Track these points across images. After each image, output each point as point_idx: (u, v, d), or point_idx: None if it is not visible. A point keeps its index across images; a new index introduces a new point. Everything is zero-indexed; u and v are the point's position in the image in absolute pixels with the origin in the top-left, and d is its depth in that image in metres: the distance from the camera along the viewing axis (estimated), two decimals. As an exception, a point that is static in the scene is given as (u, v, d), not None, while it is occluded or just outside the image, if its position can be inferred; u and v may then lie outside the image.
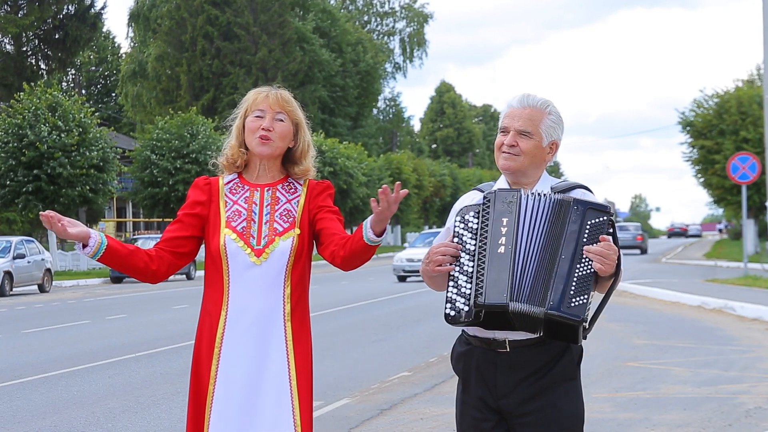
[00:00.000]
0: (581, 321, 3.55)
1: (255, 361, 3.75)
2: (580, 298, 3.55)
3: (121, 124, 75.07)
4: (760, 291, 22.99)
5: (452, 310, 3.64)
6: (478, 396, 3.79)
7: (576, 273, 3.57)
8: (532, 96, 3.82)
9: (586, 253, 3.56)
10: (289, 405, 3.76)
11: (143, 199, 45.47)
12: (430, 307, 21.49)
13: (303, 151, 3.94)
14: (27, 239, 32.17)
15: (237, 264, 3.79)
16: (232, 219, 3.84)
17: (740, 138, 45.80)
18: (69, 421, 9.07)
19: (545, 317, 3.55)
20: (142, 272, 3.83)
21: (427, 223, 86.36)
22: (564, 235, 3.60)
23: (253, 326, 3.76)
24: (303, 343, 3.83)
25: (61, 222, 3.63)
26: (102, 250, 3.72)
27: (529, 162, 3.78)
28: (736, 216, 58.25)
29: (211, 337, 3.79)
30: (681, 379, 10.96)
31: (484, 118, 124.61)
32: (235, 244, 3.79)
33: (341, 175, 57.58)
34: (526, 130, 3.76)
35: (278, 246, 3.80)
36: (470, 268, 3.63)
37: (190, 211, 3.89)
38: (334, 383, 10.86)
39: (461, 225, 3.71)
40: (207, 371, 3.77)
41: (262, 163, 3.89)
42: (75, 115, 38.16)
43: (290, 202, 3.89)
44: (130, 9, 72.67)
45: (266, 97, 3.89)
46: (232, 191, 3.90)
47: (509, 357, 3.73)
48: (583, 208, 3.63)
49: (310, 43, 70.03)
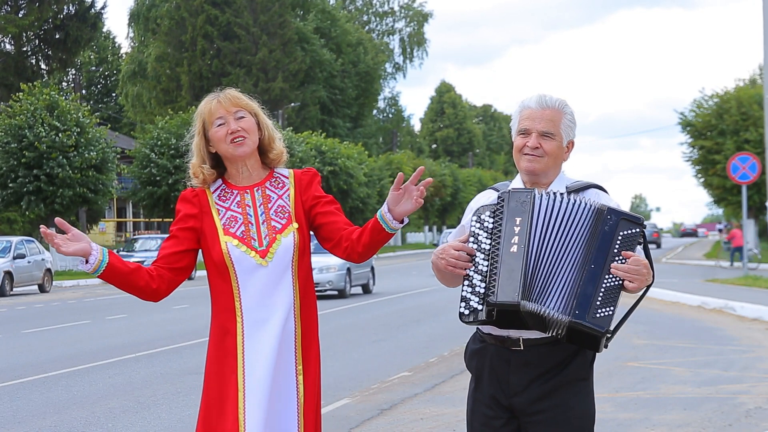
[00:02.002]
0: (605, 332, 3.58)
1: (270, 360, 3.76)
2: (606, 309, 3.57)
3: (121, 124, 75.08)
4: (760, 291, 23.01)
5: (466, 308, 3.65)
6: (490, 394, 3.80)
7: (604, 284, 3.59)
8: (548, 96, 3.83)
9: (614, 272, 3.58)
10: (294, 402, 3.78)
11: (143, 198, 45.47)
12: (430, 307, 21.50)
13: (270, 137, 3.92)
14: (27, 239, 32.17)
15: (243, 269, 3.79)
16: (230, 225, 3.83)
17: (741, 138, 45.80)
18: (69, 421, 9.07)
19: (570, 325, 3.56)
20: (144, 291, 3.82)
21: (427, 223, 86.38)
22: (595, 243, 3.61)
23: (272, 326, 3.77)
24: (310, 337, 3.85)
25: (55, 240, 3.64)
26: (102, 267, 3.72)
27: (552, 163, 3.80)
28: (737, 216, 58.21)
29: (230, 345, 3.78)
30: (681, 379, 10.96)
31: (485, 118, 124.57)
32: (239, 249, 3.79)
33: (341, 175, 57.56)
34: (549, 132, 3.77)
35: (281, 244, 3.80)
36: (485, 267, 3.64)
37: (183, 225, 3.88)
38: (334, 383, 10.86)
39: (477, 224, 3.72)
40: (233, 377, 3.76)
41: (243, 164, 3.88)
42: (73, 115, 38.16)
43: (281, 197, 3.89)
44: (130, 9, 72.71)
45: (219, 103, 3.86)
46: (222, 198, 3.90)
47: (523, 355, 3.74)
48: (617, 218, 3.63)
49: (310, 44, 70.05)
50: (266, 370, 3.74)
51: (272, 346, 3.75)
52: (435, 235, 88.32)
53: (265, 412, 3.72)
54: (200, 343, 14.41)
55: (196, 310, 20.94)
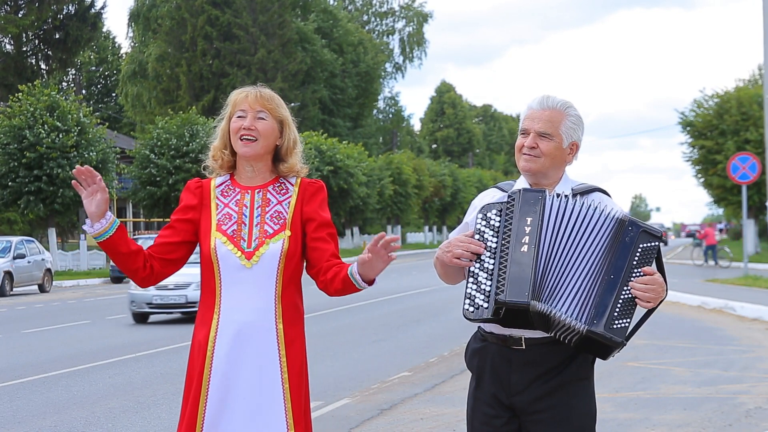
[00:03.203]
0: (621, 344, 3.59)
1: (247, 364, 3.74)
2: (622, 321, 3.58)
3: (122, 124, 75.07)
4: (760, 291, 23.01)
5: (471, 306, 3.64)
6: (491, 393, 3.80)
7: (622, 295, 3.59)
8: (552, 97, 3.83)
9: (633, 291, 3.59)
10: (281, 407, 3.75)
11: (143, 198, 45.44)
12: (430, 307, 21.50)
13: (288, 148, 3.90)
14: (27, 239, 32.17)
15: (228, 267, 3.78)
16: (223, 222, 3.83)
17: (741, 138, 45.81)
18: (69, 421, 9.07)
19: (586, 334, 3.56)
20: (134, 274, 3.84)
21: (427, 223, 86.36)
22: (615, 253, 3.61)
23: (246, 328, 3.74)
24: (296, 345, 3.80)
25: (82, 193, 3.69)
26: (103, 237, 3.72)
27: (549, 163, 3.80)
28: (736, 216, 58.21)
29: (203, 340, 3.78)
30: (681, 379, 10.96)
31: (484, 118, 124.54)
32: (226, 247, 3.78)
33: (341, 175, 57.56)
34: (546, 132, 3.77)
35: (268, 249, 3.78)
36: (491, 265, 3.63)
37: (182, 216, 3.88)
38: (334, 383, 10.86)
39: (483, 222, 3.71)
40: (200, 374, 3.76)
41: (249, 164, 3.87)
42: (73, 115, 38.16)
43: (281, 203, 3.87)
44: (130, 9, 72.70)
45: (246, 96, 3.87)
46: (224, 194, 3.89)
47: (525, 354, 3.74)
48: (637, 230, 3.64)
49: (311, 43, 70.05)
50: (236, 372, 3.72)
51: (242, 350, 3.73)
52: (435, 235, 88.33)
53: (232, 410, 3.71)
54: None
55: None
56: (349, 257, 57.07)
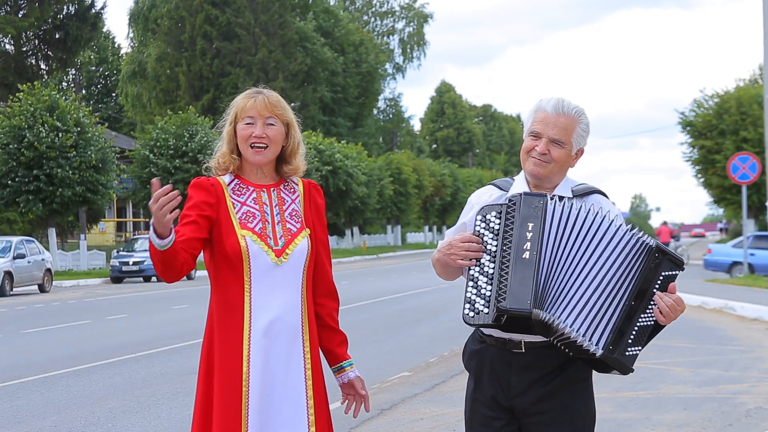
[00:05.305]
0: (629, 370, 3.59)
1: (278, 359, 3.76)
2: (636, 348, 3.57)
3: (121, 124, 75.08)
4: (760, 291, 23.00)
5: (471, 311, 3.60)
6: (490, 395, 3.79)
7: (639, 322, 3.57)
8: (566, 102, 3.78)
9: (658, 301, 3.56)
10: (304, 403, 3.80)
11: (143, 198, 45.45)
12: (430, 307, 21.50)
13: (293, 149, 3.91)
14: (27, 239, 32.17)
15: (258, 265, 3.77)
16: (247, 221, 3.80)
17: (740, 138, 45.80)
18: (69, 421, 9.07)
19: (600, 357, 3.55)
20: (176, 272, 3.72)
21: (427, 223, 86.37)
22: (637, 277, 3.57)
23: (282, 326, 3.77)
24: (315, 341, 3.87)
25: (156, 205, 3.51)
26: (169, 245, 3.61)
27: (558, 169, 3.77)
28: (736, 216, 58.19)
29: (235, 340, 3.77)
30: (681, 379, 10.96)
31: (484, 118, 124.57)
32: (257, 245, 3.77)
33: (341, 175, 57.55)
34: (559, 140, 3.73)
35: (297, 246, 3.81)
36: (491, 269, 3.60)
37: (202, 212, 3.80)
38: (334, 383, 10.85)
39: (482, 224, 3.67)
40: (237, 375, 3.74)
41: (259, 168, 3.88)
42: (73, 115, 38.15)
43: (294, 202, 3.90)
44: (130, 9, 72.72)
45: (254, 103, 3.84)
46: (236, 192, 3.86)
47: (524, 358, 3.73)
48: (661, 257, 3.60)
49: (312, 43, 70.02)
50: (276, 368, 3.75)
51: (282, 347, 3.76)
52: (435, 235, 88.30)
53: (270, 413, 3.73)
54: (200, 343, 14.39)
55: (196, 310, 20.93)
56: (349, 257, 57.07)
